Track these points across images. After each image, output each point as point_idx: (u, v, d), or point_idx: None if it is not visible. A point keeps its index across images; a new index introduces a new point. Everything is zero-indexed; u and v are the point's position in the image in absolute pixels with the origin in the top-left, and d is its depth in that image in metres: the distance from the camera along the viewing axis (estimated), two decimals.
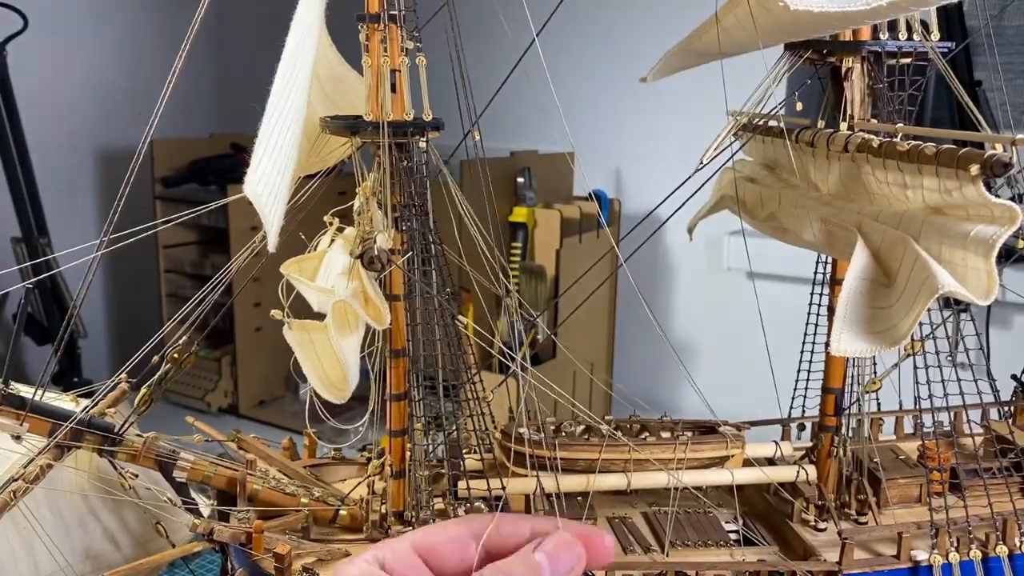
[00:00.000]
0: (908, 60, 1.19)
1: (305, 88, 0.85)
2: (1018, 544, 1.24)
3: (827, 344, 1.27)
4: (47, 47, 3.33)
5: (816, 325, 1.41)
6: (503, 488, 1.21)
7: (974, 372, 1.33)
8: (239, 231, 3.23)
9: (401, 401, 1.17)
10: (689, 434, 1.36)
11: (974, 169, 0.92)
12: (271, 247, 0.80)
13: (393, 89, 1.08)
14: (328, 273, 1.16)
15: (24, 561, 1.41)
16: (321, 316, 1.13)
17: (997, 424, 1.46)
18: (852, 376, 1.36)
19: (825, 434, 1.37)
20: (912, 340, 1.23)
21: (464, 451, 1.27)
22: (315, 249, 1.22)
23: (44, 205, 2.99)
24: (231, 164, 3.60)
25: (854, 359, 1.35)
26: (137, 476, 1.19)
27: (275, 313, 1.04)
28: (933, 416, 1.31)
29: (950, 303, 1.48)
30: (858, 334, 1.00)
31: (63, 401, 1.18)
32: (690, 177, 1.16)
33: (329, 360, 1.11)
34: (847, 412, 1.38)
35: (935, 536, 1.23)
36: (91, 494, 1.36)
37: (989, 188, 0.93)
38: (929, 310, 0.96)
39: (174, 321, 1.18)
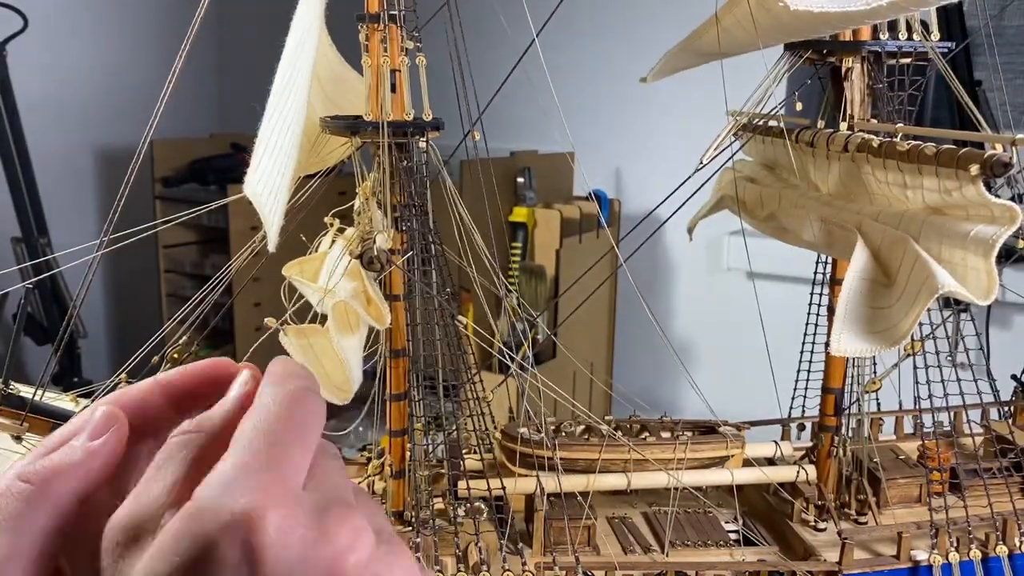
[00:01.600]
0: (908, 60, 1.19)
1: (305, 88, 0.85)
2: (1018, 544, 1.24)
3: (827, 344, 1.27)
4: (47, 47, 3.33)
5: (816, 325, 1.41)
6: (503, 488, 1.21)
7: (974, 372, 1.33)
8: (239, 231, 3.23)
9: (401, 401, 1.17)
10: (689, 434, 1.36)
11: (974, 169, 0.92)
12: (271, 247, 0.80)
13: (393, 89, 1.08)
14: (329, 274, 1.16)
15: None
16: (324, 318, 1.13)
17: (997, 424, 1.46)
18: (852, 376, 1.36)
19: (825, 434, 1.37)
20: (912, 340, 1.23)
21: (464, 451, 1.27)
22: (316, 250, 1.22)
23: (44, 205, 2.99)
24: (231, 164, 3.60)
25: (854, 359, 1.35)
26: None
27: (269, 321, 1.04)
28: (933, 416, 1.31)
29: (950, 303, 1.48)
30: (858, 334, 1.00)
31: (63, 401, 1.18)
32: (690, 177, 1.16)
33: (331, 362, 1.11)
34: (847, 412, 1.37)
35: (935, 536, 1.23)
36: None
37: (989, 188, 0.93)
38: (929, 310, 0.96)
39: (174, 321, 1.18)
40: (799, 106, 1.26)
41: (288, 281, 1.15)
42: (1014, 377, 1.59)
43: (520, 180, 2.93)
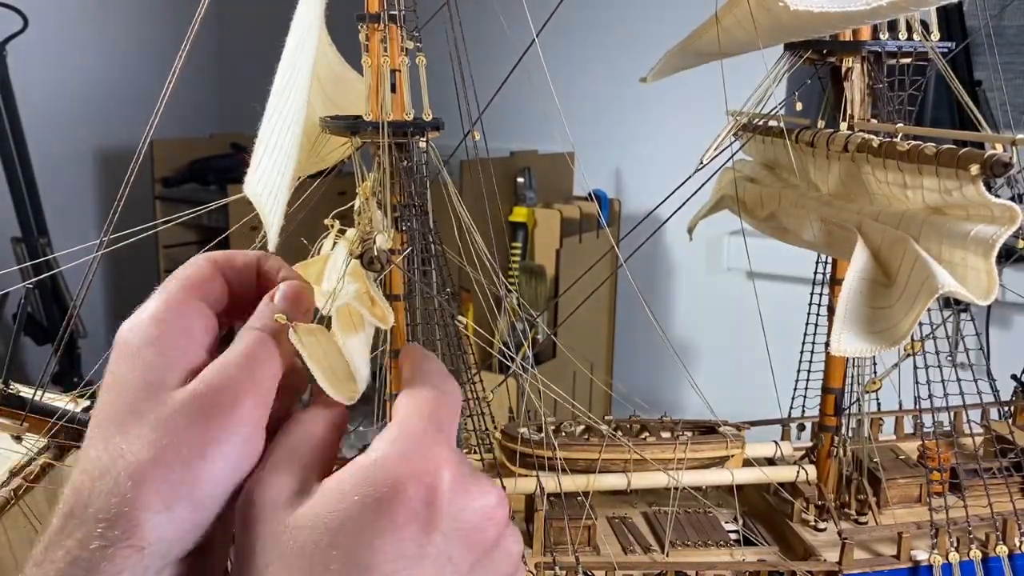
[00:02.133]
0: (908, 60, 1.19)
1: (305, 88, 0.85)
2: (1018, 544, 1.24)
3: (827, 344, 1.27)
4: (47, 47, 3.33)
5: (816, 325, 1.41)
6: (503, 488, 1.21)
7: (974, 372, 1.33)
8: (239, 231, 3.23)
9: None
10: (689, 434, 1.36)
11: (974, 169, 0.92)
12: (271, 247, 0.79)
13: (393, 89, 1.08)
14: (332, 276, 1.16)
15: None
16: (329, 320, 1.13)
17: (997, 424, 1.46)
18: (852, 376, 1.36)
19: (825, 434, 1.38)
20: (912, 340, 1.23)
21: (464, 451, 1.27)
22: (318, 253, 1.22)
23: (44, 205, 2.99)
24: (231, 164, 3.61)
25: (854, 359, 1.35)
26: None
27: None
28: (933, 416, 1.31)
29: (950, 303, 1.48)
30: (858, 334, 1.00)
31: (63, 401, 1.18)
32: (690, 177, 1.16)
33: (337, 362, 1.10)
34: (847, 412, 1.37)
35: (935, 536, 1.23)
36: None
37: (989, 188, 0.93)
38: (929, 310, 0.96)
39: None
40: (799, 106, 1.26)
41: None
42: (1014, 377, 1.59)
43: (520, 180, 2.93)
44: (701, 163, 1.15)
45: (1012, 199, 0.97)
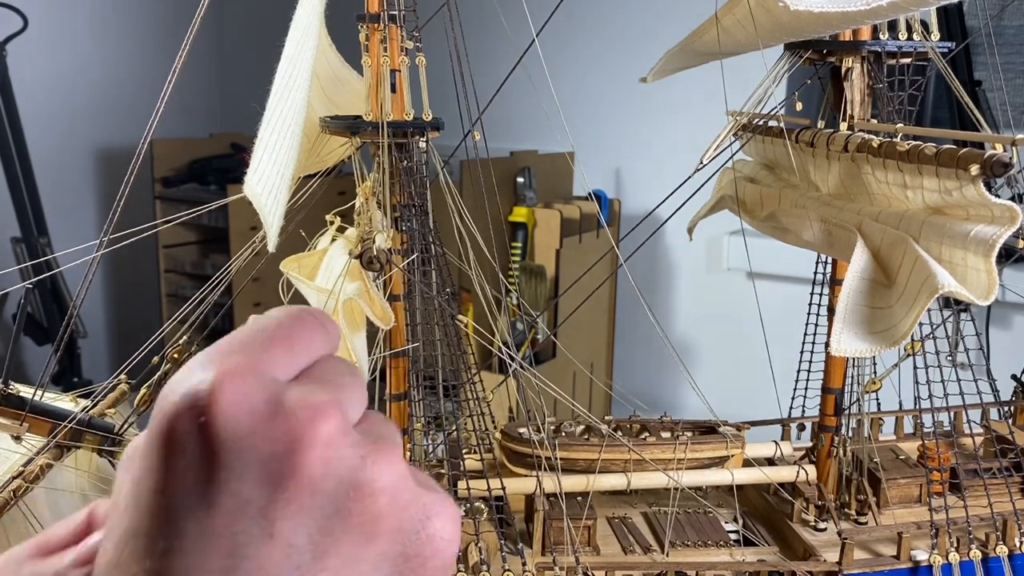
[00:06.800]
0: (908, 60, 1.19)
1: (305, 88, 0.85)
2: (1018, 544, 1.24)
3: (827, 344, 1.27)
4: (47, 47, 3.33)
5: (816, 325, 1.41)
6: (503, 488, 1.21)
7: (974, 372, 1.33)
8: (239, 231, 3.23)
9: (401, 401, 1.17)
10: (689, 434, 1.36)
11: (974, 169, 0.92)
12: (271, 247, 0.80)
13: (393, 89, 1.08)
14: (329, 273, 1.16)
15: None
16: None
17: (997, 424, 1.46)
18: (852, 376, 1.36)
19: (825, 434, 1.38)
20: (912, 340, 1.23)
21: (464, 451, 1.27)
22: (315, 248, 1.22)
23: (44, 205, 2.99)
24: (231, 164, 3.60)
25: (854, 359, 1.35)
26: None
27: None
28: (933, 416, 1.31)
29: (950, 303, 1.48)
30: (858, 334, 1.00)
31: (63, 401, 1.18)
32: (690, 177, 1.16)
33: (344, 356, 1.11)
34: (847, 412, 1.37)
35: (935, 536, 1.23)
36: (91, 494, 1.36)
37: (989, 188, 0.93)
38: (929, 310, 0.96)
39: (174, 321, 1.18)
40: (799, 106, 1.26)
41: (285, 278, 1.15)
42: (1014, 377, 1.59)
43: (520, 180, 2.93)
44: (701, 163, 1.15)
45: (1012, 199, 0.97)
